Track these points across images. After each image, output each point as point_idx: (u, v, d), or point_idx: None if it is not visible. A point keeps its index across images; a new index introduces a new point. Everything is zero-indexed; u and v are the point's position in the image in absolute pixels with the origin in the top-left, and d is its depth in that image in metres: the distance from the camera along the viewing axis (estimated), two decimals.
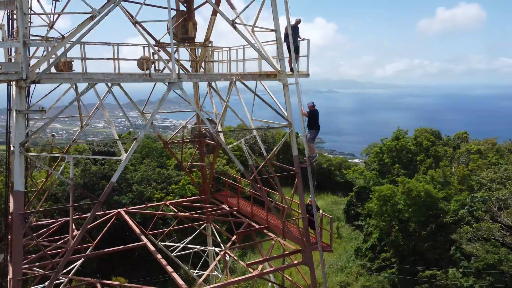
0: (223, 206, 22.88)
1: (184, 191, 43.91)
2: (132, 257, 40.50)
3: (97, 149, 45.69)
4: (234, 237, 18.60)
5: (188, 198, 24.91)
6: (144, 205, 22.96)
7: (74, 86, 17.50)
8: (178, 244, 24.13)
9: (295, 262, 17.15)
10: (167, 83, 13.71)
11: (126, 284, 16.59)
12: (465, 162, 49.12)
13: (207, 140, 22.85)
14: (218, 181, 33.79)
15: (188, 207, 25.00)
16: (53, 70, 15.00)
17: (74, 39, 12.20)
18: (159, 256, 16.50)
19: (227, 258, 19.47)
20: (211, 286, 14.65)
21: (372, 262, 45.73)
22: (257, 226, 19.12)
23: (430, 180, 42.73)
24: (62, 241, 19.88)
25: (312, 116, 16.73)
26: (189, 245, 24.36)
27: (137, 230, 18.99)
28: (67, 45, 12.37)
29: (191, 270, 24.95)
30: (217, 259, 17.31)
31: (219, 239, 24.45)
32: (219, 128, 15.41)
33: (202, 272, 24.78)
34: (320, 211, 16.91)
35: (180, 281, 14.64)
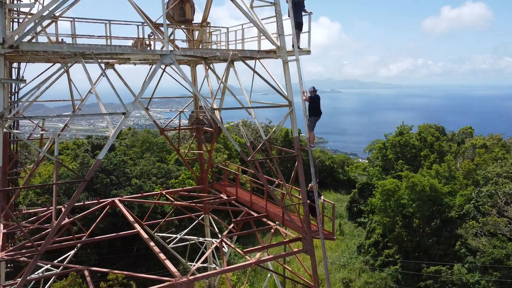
0: (221, 195, 22.14)
1: (184, 185, 43.24)
2: (131, 252, 39.88)
3: (96, 142, 45.00)
4: (232, 225, 17.80)
5: (185, 188, 24.12)
6: (140, 194, 22.17)
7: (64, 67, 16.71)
8: (176, 236, 23.34)
9: (295, 250, 16.35)
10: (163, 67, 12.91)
11: (115, 271, 15.77)
12: (470, 157, 48.20)
13: (205, 127, 22.11)
14: (220, 174, 33.09)
15: (186, 198, 24.28)
16: None
17: (55, 5, 11.40)
18: (152, 243, 15.74)
19: (225, 249, 18.69)
20: (204, 274, 13.89)
21: (375, 259, 44.88)
22: (256, 215, 18.36)
23: (435, 175, 41.85)
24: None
25: (313, 102, 15.89)
26: (187, 237, 23.59)
27: (131, 218, 18.23)
28: (51, 9, 11.56)
29: (188, 263, 24.14)
30: (212, 247, 16.52)
31: (217, 230, 23.71)
32: (215, 106, 14.59)
33: (200, 265, 24.01)
34: (322, 197, 16.13)
35: (172, 268, 13.90)
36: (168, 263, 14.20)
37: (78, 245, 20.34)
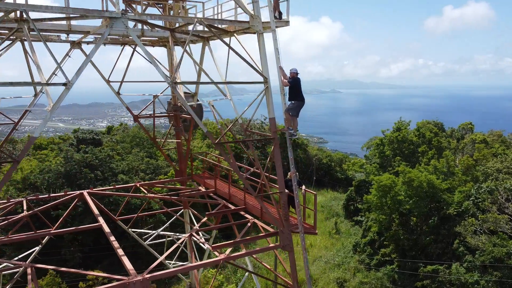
0: (200, 188, 20.57)
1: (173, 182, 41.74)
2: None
3: (81, 136, 43.40)
4: (205, 218, 16.23)
5: (162, 180, 22.51)
6: (112, 187, 20.56)
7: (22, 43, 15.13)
8: (153, 232, 21.73)
9: (271, 245, 14.71)
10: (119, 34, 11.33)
11: (62, 269, 14.23)
12: (469, 153, 46.59)
13: (183, 115, 20.55)
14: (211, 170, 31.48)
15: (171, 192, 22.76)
16: None
17: None
18: (112, 238, 14.17)
19: (206, 246, 17.01)
20: (161, 272, 12.31)
21: (371, 258, 43.33)
22: (233, 207, 16.76)
23: (433, 171, 40.21)
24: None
25: (294, 86, 14.16)
26: (163, 233, 21.96)
27: (96, 212, 16.65)
28: None
29: (167, 260, 22.51)
30: (179, 242, 14.92)
31: (197, 226, 22.11)
32: (178, 80, 12.97)
33: (179, 263, 22.43)
34: (303, 187, 14.53)
35: (129, 266, 12.38)
36: (125, 260, 12.67)
37: (44, 240, 18.63)
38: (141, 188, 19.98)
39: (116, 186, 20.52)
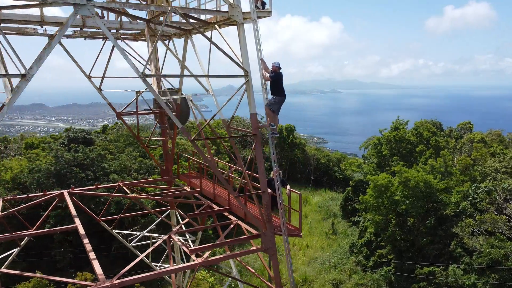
0: (186, 187, 19.85)
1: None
2: (109, 252, 37.70)
3: (72, 135, 42.65)
4: (186, 220, 15.50)
5: (147, 180, 21.78)
6: (94, 186, 19.83)
7: None
8: (137, 233, 20.99)
9: (253, 248, 13.93)
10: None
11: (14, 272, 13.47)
12: (467, 152, 45.84)
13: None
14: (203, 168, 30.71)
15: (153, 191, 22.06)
16: None
17: None
18: (85, 240, 13.45)
19: (184, 249, 16.25)
20: (131, 277, 11.58)
21: (367, 259, 42.62)
22: (216, 208, 16.03)
23: (430, 170, 39.47)
24: None
25: (276, 80, 13.27)
26: (148, 234, 21.19)
27: (73, 212, 15.93)
28: None
29: (153, 263, 21.76)
30: (156, 244, 14.14)
31: (183, 227, 21.39)
32: (148, 72, 12.23)
33: (166, 266, 21.69)
34: (287, 187, 13.79)
35: (99, 270, 11.67)
36: (96, 264, 11.96)
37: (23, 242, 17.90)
38: (124, 188, 19.23)
39: (99, 186, 19.79)
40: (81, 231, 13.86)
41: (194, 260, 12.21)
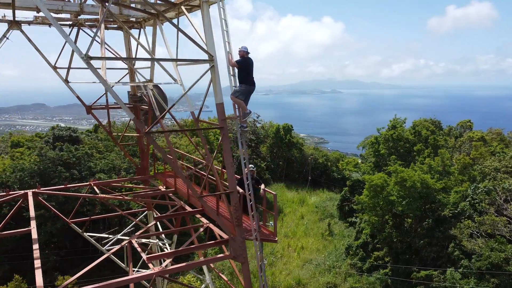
0: (160, 187, 18.50)
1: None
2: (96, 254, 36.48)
3: (58, 133, 41.27)
4: (153, 222, 14.16)
5: (120, 179, 20.41)
6: (62, 186, 18.49)
7: None
8: (113, 236, 19.60)
9: (220, 255, 12.49)
10: None
11: None
12: (467, 151, 44.38)
13: (143, 106, 18.45)
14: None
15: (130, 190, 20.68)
16: None
17: None
18: (35, 246, 12.15)
19: (143, 256, 14.84)
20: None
21: (363, 262, 41.25)
22: (188, 210, 14.64)
23: (428, 170, 38.01)
24: None
25: (244, 67, 11.93)
26: (124, 238, 19.78)
27: (32, 214, 14.60)
28: None
29: (132, 268, 20.35)
30: (114, 249, 12.79)
31: (160, 229, 20.06)
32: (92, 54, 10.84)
33: (144, 270, 20.31)
34: (262, 186, 12.40)
35: (39, 278, 10.38)
36: (38, 272, 10.67)
37: None
38: (95, 187, 17.86)
39: (68, 186, 18.45)
40: (34, 235, 12.54)
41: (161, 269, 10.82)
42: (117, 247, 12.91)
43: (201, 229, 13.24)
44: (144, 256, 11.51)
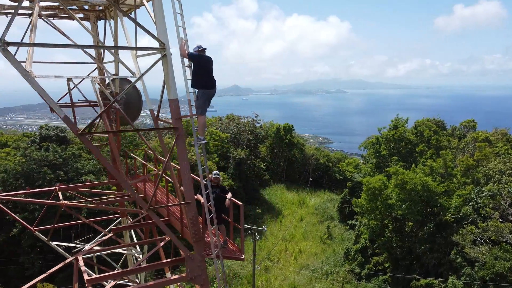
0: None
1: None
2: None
3: (45, 133, 39.79)
4: (110, 234, 12.58)
5: (90, 183, 18.84)
6: (25, 191, 16.94)
7: None
8: (78, 246, 18.00)
9: (175, 277, 10.64)
10: None
11: None
12: (471, 152, 42.53)
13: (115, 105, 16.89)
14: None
15: (97, 194, 19.16)
16: None
17: None
18: None
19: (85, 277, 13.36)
20: None
21: (362, 267, 39.58)
22: (152, 220, 13.02)
23: (429, 172, 36.25)
24: None
25: (200, 65, 10.02)
26: (96, 248, 18.14)
27: None
28: None
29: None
30: (58, 266, 11.25)
31: (135, 239, 18.51)
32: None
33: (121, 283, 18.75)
34: (228, 195, 10.75)
35: None
36: None
37: None
38: (59, 192, 16.31)
39: (31, 190, 16.92)
40: None
41: None
42: (59, 265, 11.36)
43: (161, 243, 11.64)
44: (85, 276, 9.93)
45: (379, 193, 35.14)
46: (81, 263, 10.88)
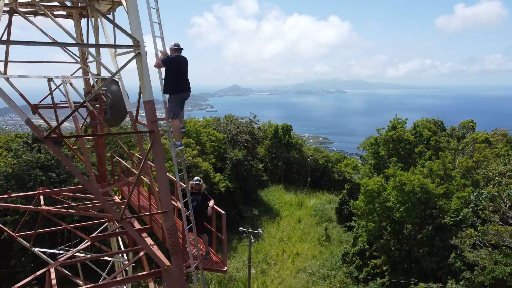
0: (115, 197, 16.31)
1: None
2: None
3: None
4: (88, 243, 11.96)
5: (75, 187, 18.20)
6: (5, 196, 16.32)
7: None
8: (62, 252, 17.34)
9: None
10: None
11: None
12: (470, 153, 41.85)
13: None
14: None
15: (83, 199, 18.52)
16: None
17: None
18: None
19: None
20: None
21: (359, 270, 38.93)
22: (138, 227, 12.41)
23: (428, 173, 35.58)
24: None
25: (173, 68, 9.26)
26: (79, 254, 17.49)
27: None
28: None
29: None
30: (28, 279, 10.66)
31: (122, 247, 17.86)
32: None
33: None
34: (211, 203, 10.08)
35: None
36: None
37: None
38: (41, 197, 15.68)
39: (12, 195, 16.28)
40: None
41: None
42: (30, 277, 10.73)
43: (140, 254, 10.99)
44: None
45: (377, 195, 34.49)
46: (53, 275, 10.24)
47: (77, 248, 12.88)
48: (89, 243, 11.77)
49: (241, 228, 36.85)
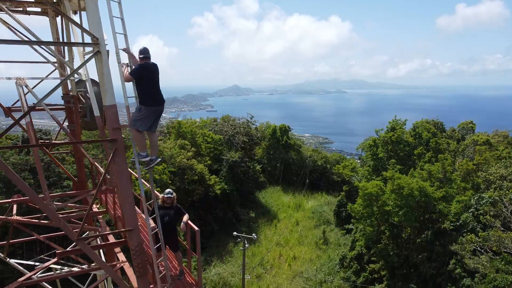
0: (96, 207, 15.39)
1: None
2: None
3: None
4: (54, 259, 11.03)
5: (53, 194, 17.25)
6: None
7: None
8: (38, 264, 16.40)
9: None
10: None
11: None
12: (471, 156, 40.87)
13: (79, 107, 15.38)
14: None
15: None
16: None
17: None
18: None
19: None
20: None
21: (357, 275, 37.97)
22: (112, 241, 11.48)
23: (427, 176, 34.61)
24: None
25: (142, 79, 8.23)
26: (55, 266, 16.58)
27: None
28: None
29: None
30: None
31: (103, 257, 16.96)
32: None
33: None
34: (185, 218, 9.11)
35: None
36: None
37: None
38: (14, 206, 14.76)
39: None
40: None
41: None
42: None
43: (116, 268, 10.07)
44: None
45: (375, 199, 33.55)
46: None
47: (46, 264, 11.93)
48: (55, 259, 10.82)
49: (234, 233, 35.89)
